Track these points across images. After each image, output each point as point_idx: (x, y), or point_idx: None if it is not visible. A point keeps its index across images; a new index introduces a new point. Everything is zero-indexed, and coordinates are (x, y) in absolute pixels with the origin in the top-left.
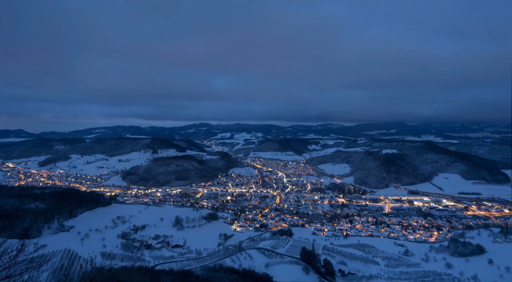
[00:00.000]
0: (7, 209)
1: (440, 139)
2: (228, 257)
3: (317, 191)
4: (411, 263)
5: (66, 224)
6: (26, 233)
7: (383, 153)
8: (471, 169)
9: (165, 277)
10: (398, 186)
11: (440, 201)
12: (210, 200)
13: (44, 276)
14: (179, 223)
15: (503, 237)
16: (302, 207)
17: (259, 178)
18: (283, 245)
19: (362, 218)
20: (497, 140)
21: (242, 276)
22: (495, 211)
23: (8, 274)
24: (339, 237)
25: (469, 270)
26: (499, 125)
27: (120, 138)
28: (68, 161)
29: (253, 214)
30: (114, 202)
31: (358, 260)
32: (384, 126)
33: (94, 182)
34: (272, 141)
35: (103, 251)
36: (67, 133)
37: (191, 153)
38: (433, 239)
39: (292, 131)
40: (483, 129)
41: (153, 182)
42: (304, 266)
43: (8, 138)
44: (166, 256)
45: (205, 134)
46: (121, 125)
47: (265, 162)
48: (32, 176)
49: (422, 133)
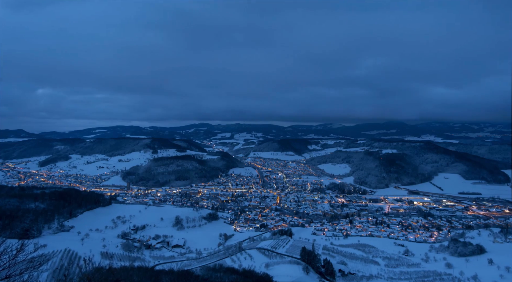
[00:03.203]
0: (7, 209)
1: (440, 140)
2: (228, 257)
3: (317, 191)
4: (411, 263)
5: (66, 224)
6: (26, 233)
7: (383, 153)
8: (471, 169)
9: (165, 277)
10: (398, 186)
11: (440, 201)
12: (210, 200)
13: (44, 276)
14: (179, 223)
15: (503, 237)
16: (302, 207)
17: (259, 178)
18: (283, 245)
19: (362, 218)
20: (497, 140)
21: (242, 276)
22: (495, 211)
23: (8, 274)
24: (339, 237)
25: (469, 270)
26: (499, 125)
27: (120, 138)
28: (68, 161)
29: (253, 214)
30: (114, 202)
31: (358, 260)
32: (384, 126)
33: (94, 182)
34: (272, 141)
35: (103, 251)
36: (67, 133)
37: (191, 153)
38: (433, 239)
39: (292, 131)
40: (483, 129)
41: (153, 182)
42: (304, 266)
43: (8, 138)
44: (166, 256)
45: (205, 134)
46: (121, 125)
47: (265, 162)
48: (32, 176)
49: (422, 133)
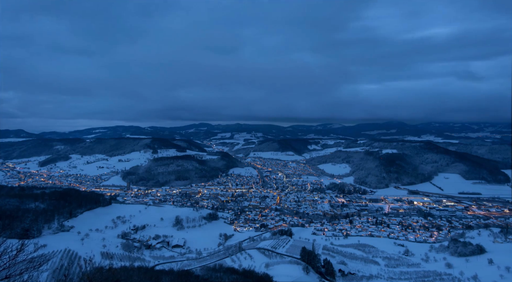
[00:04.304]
0: (7, 209)
1: (440, 140)
2: (228, 257)
3: (317, 191)
4: (411, 263)
5: (66, 224)
6: (26, 233)
7: (383, 153)
8: (471, 169)
9: (165, 277)
10: (398, 186)
11: (440, 201)
12: (210, 200)
13: (44, 276)
14: (179, 223)
15: (503, 237)
16: (302, 207)
17: (259, 178)
18: (283, 245)
19: (362, 218)
20: (497, 140)
21: (242, 276)
22: (495, 211)
23: (8, 274)
24: (339, 237)
25: (469, 270)
26: (499, 125)
27: (120, 138)
28: (68, 161)
29: (253, 214)
30: (114, 202)
31: (358, 260)
32: (384, 126)
33: (94, 182)
34: (272, 141)
35: (103, 251)
36: (67, 133)
37: (191, 153)
38: (433, 239)
39: (292, 131)
40: (483, 129)
41: (153, 182)
42: (304, 266)
43: (8, 138)
44: (166, 256)
45: (205, 134)
46: (121, 125)
47: (265, 162)
48: (32, 176)
49: (422, 133)
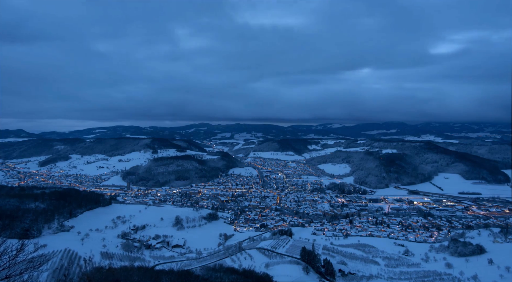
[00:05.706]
0: (7, 209)
1: (440, 139)
2: (228, 257)
3: (317, 191)
4: (411, 263)
5: (66, 224)
6: (26, 233)
7: (383, 153)
8: (471, 169)
9: (165, 277)
10: (398, 186)
11: (440, 201)
12: (210, 200)
13: (44, 276)
14: (179, 223)
15: (503, 237)
16: (302, 207)
17: (259, 178)
18: (283, 245)
19: (362, 218)
20: (497, 140)
21: (242, 276)
22: (495, 211)
23: (8, 274)
24: (339, 237)
25: (469, 270)
26: (499, 125)
27: (120, 138)
28: (68, 161)
29: (253, 214)
30: (114, 202)
31: (358, 260)
32: (384, 126)
33: (94, 182)
34: (272, 141)
35: (103, 251)
36: (67, 133)
37: (191, 153)
38: (433, 239)
39: (292, 131)
40: (483, 129)
41: (153, 182)
42: (304, 266)
43: (8, 138)
44: (166, 256)
45: (205, 134)
46: (121, 125)
47: (265, 162)
48: (32, 176)
49: (422, 133)
